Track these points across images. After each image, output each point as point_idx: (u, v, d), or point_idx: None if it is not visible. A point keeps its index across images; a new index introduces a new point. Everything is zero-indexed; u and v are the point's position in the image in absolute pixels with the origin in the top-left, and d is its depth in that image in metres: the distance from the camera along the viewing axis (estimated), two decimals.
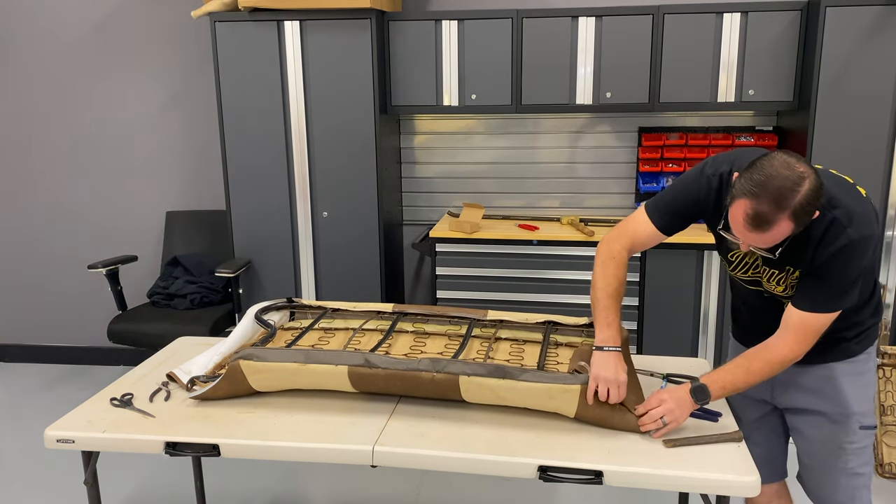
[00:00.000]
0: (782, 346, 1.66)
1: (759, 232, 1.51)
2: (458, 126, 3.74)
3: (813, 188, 1.47)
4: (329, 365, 1.81)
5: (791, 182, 1.46)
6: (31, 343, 4.31)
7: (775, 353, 1.67)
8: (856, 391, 1.77)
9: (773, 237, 1.52)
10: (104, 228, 4.10)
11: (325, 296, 3.54)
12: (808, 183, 1.47)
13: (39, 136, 4.04)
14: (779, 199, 1.46)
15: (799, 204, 1.46)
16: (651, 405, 1.70)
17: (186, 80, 3.86)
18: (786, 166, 1.48)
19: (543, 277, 3.32)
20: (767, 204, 1.47)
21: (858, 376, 1.77)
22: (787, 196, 1.46)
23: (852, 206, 1.57)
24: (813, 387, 1.80)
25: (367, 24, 3.23)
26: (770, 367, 1.67)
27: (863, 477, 1.79)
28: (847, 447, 1.77)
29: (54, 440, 1.77)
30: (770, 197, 1.46)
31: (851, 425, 1.76)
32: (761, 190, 1.47)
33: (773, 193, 1.46)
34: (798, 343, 1.65)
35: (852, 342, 1.77)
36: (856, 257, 1.57)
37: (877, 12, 2.92)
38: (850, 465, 1.78)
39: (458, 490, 2.91)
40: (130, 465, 3.09)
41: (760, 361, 1.68)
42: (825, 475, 1.82)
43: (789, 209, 1.46)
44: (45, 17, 3.88)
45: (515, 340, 2.18)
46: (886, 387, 3.05)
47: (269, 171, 3.45)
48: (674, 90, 3.23)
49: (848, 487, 1.80)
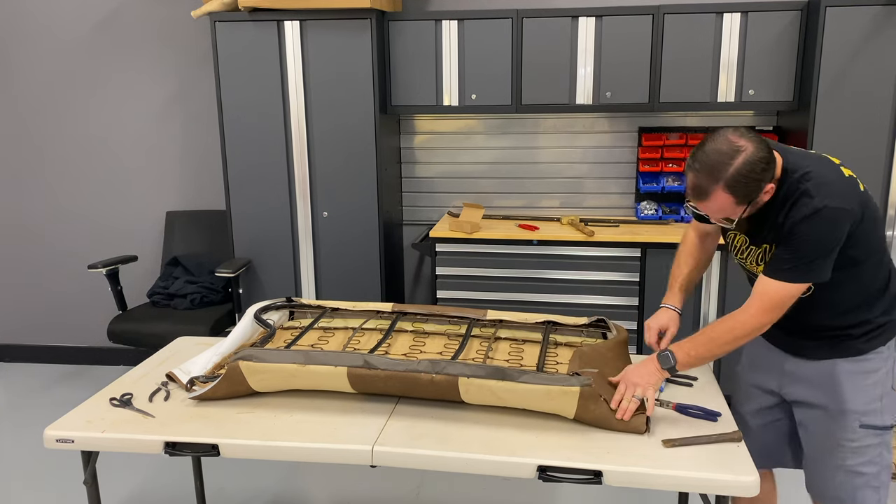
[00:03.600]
0: (743, 314, 1.69)
1: (701, 202, 1.64)
2: (458, 126, 3.74)
3: (747, 161, 1.57)
4: (328, 366, 1.81)
5: (725, 156, 1.58)
6: (31, 343, 4.31)
7: (736, 320, 1.69)
8: (857, 389, 1.75)
9: (716, 206, 1.63)
10: (104, 228, 4.10)
11: (325, 295, 3.54)
12: (742, 156, 1.57)
13: (39, 136, 4.04)
14: (712, 172, 1.59)
15: (731, 176, 1.57)
16: (618, 396, 1.73)
17: (186, 80, 3.86)
18: (725, 142, 1.60)
19: (543, 277, 3.32)
20: (703, 177, 1.60)
21: (863, 375, 1.75)
22: (720, 169, 1.58)
23: (826, 178, 1.62)
24: (816, 381, 1.80)
25: (367, 24, 3.23)
26: (731, 333, 1.69)
27: (865, 476, 1.77)
28: (845, 444, 1.77)
29: (54, 440, 1.77)
30: (705, 170, 1.60)
31: (849, 423, 1.75)
32: (700, 164, 1.61)
33: (707, 167, 1.60)
34: (760, 311, 1.67)
35: (860, 340, 1.75)
36: (822, 226, 1.59)
37: (877, 12, 2.92)
38: (847, 463, 1.77)
39: (458, 490, 2.91)
40: (130, 465, 3.09)
41: (722, 327, 1.71)
42: (823, 469, 1.83)
43: (723, 181, 1.58)
44: (45, 17, 3.88)
45: (515, 340, 2.18)
46: None
47: (269, 171, 3.45)
48: (674, 90, 3.23)
49: (846, 485, 1.79)
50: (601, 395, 1.72)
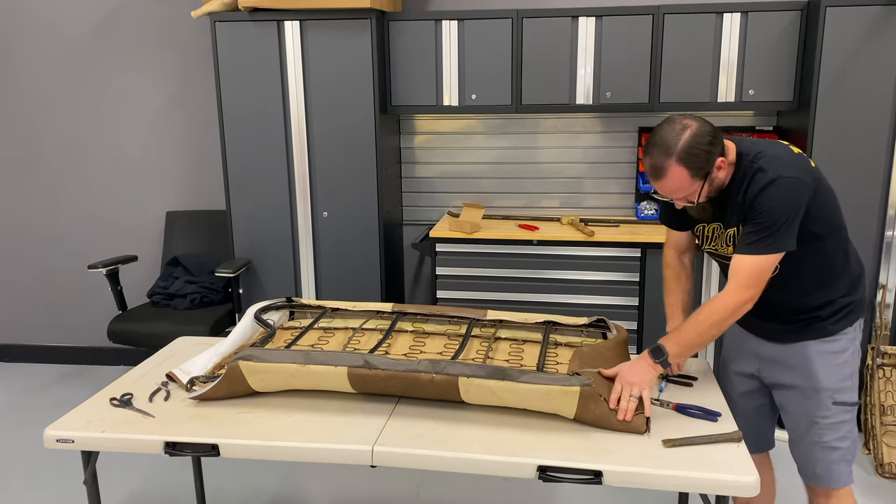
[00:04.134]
0: (725, 294, 1.76)
1: (659, 181, 1.74)
2: (458, 126, 3.74)
3: (694, 134, 1.70)
4: (328, 366, 1.81)
5: (674, 133, 1.71)
6: (31, 343, 4.31)
7: (719, 301, 1.76)
8: (828, 368, 1.86)
9: (674, 184, 1.74)
10: (104, 228, 4.10)
11: (325, 296, 3.54)
12: (689, 131, 1.70)
13: (39, 136, 4.04)
14: (664, 148, 1.71)
15: (682, 149, 1.69)
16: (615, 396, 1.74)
17: (186, 80, 3.87)
18: (673, 123, 1.73)
19: (543, 277, 3.32)
20: (657, 154, 1.72)
21: (833, 354, 1.86)
22: (671, 144, 1.70)
23: (777, 156, 1.74)
24: (790, 363, 1.91)
25: (367, 24, 3.23)
26: (716, 314, 1.76)
27: (840, 451, 1.88)
28: (820, 421, 1.87)
29: (54, 440, 1.77)
30: (659, 149, 1.72)
31: (823, 400, 1.86)
32: (653, 145, 1.73)
33: (659, 145, 1.72)
34: (740, 288, 1.74)
35: (828, 321, 1.86)
36: (779, 194, 1.70)
37: (877, 12, 2.91)
38: (824, 439, 1.88)
39: (458, 490, 2.91)
40: (130, 465, 3.09)
41: (707, 310, 1.78)
42: (804, 448, 1.92)
43: (675, 154, 1.70)
44: (45, 17, 3.88)
45: (515, 340, 2.18)
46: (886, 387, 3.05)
47: (269, 171, 3.45)
48: (674, 90, 3.23)
49: (825, 461, 1.89)
50: (601, 395, 1.72)
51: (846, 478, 1.89)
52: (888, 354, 3.04)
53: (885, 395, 3.03)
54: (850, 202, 2.96)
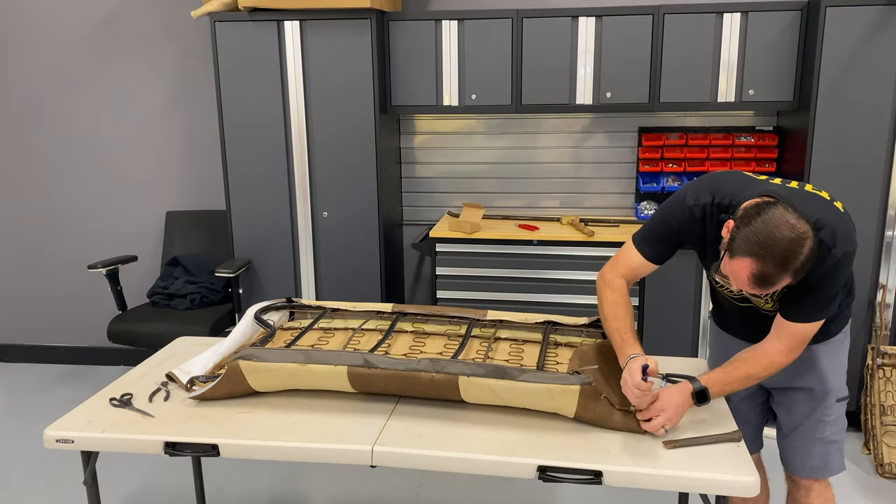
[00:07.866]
0: (777, 354, 1.76)
1: (762, 289, 1.59)
2: (458, 126, 3.74)
3: (813, 248, 1.55)
4: (328, 365, 1.81)
5: (795, 245, 1.52)
6: (31, 343, 4.31)
7: (772, 360, 1.77)
8: (834, 369, 1.92)
9: (773, 290, 1.61)
10: (104, 228, 4.10)
11: (325, 296, 3.54)
12: (809, 243, 1.54)
13: (39, 136, 4.04)
14: (783, 262, 1.53)
15: (801, 264, 1.54)
16: (653, 413, 1.71)
17: (186, 80, 3.86)
18: (788, 227, 1.52)
19: (543, 277, 3.32)
20: (773, 266, 1.53)
21: (836, 355, 1.92)
22: (791, 259, 1.53)
23: (836, 224, 1.64)
24: (799, 367, 1.90)
25: (367, 24, 3.23)
26: (767, 371, 1.78)
27: (836, 443, 1.94)
28: (825, 419, 1.92)
29: (54, 440, 1.77)
30: (775, 260, 1.52)
31: (830, 400, 1.92)
32: (766, 252, 1.52)
33: (777, 257, 1.52)
34: (792, 350, 1.77)
35: (832, 324, 1.89)
36: (841, 271, 1.68)
37: (877, 12, 2.91)
38: (826, 435, 1.93)
39: (458, 490, 2.91)
40: (130, 465, 3.08)
41: (759, 366, 1.78)
42: (803, 444, 1.95)
43: (792, 269, 1.54)
44: (45, 17, 3.88)
45: (515, 340, 2.18)
46: (886, 387, 3.04)
47: (269, 171, 3.45)
48: (674, 90, 3.22)
49: (822, 454, 1.94)
50: (602, 394, 1.72)
51: (840, 465, 1.94)
52: (888, 354, 3.04)
53: (885, 395, 3.03)
54: (850, 202, 2.95)
